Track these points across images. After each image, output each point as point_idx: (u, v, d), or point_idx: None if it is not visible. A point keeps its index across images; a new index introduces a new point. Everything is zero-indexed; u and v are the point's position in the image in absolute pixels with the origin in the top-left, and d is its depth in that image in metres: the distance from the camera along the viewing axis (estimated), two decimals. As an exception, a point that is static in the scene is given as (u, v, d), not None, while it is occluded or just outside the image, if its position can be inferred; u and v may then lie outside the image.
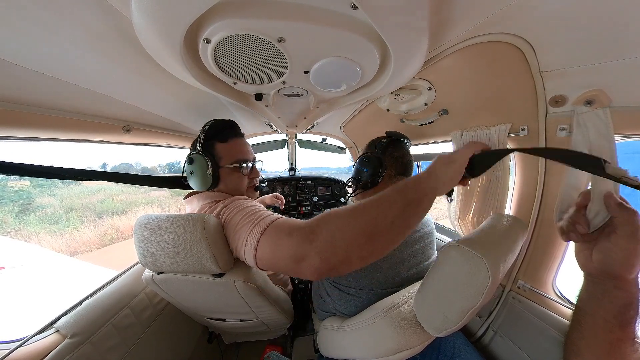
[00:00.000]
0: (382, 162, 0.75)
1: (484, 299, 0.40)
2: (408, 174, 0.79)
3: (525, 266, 0.76)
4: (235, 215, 0.62)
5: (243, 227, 0.58)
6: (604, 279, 0.37)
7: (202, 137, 0.73)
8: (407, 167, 0.79)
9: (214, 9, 0.40)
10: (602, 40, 0.45)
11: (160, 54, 0.52)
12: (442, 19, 0.51)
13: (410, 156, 0.82)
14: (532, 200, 0.73)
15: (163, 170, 10.56)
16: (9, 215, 6.67)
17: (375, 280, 0.67)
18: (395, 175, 0.77)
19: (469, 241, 0.44)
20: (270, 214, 0.58)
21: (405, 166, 0.79)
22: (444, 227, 1.32)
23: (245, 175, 0.78)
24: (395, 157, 0.78)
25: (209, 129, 0.74)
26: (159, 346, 0.96)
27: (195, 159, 0.71)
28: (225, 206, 0.65)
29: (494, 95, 0.76)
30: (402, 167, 0.78)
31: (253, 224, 0.55)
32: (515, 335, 0.74)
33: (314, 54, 0.54)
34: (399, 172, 0.77)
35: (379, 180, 0.75)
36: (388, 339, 0.49)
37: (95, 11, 0.43)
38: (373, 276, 0.67)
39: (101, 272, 2.98)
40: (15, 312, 2.04)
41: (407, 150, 0.82)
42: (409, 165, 0.79)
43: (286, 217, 0.55)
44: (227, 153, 0.74)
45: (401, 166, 0.78)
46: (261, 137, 1.98)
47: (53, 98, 0.65)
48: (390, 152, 0.78)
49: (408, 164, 0.79)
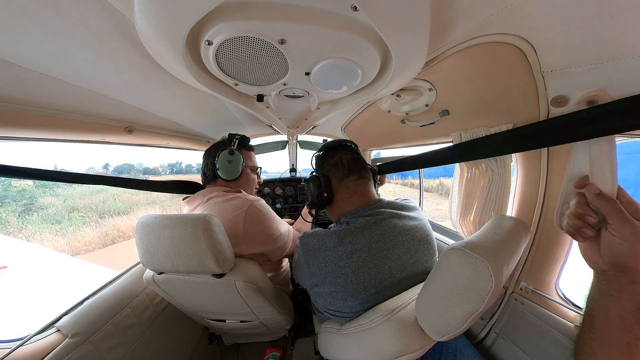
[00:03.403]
0: (320, 177, 0.76)
1: (487, 304, 0.39)
2: (356, 169, 0.76)
3: (528, 267, 0.76)
4: (271, 227, 0.87)
5: (281, 241, 0.90)
6: (618, 275, 0.36)
7: (237, 142, 1.00)
8: (351, 164, 0.75)
9: (216, 11, 0.40)
10: (603, 40, 0.45)
11: (162, 55, 0.52)
12: (443, 20, 0.51)
13: (352, 152, 0.79)
14: (535, 201, 0.73)
15: (164, 171, 10.60)
16: (12, 215, 6.72)
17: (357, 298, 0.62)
18: (344, 178, 0.75)
19: (471, 244, 0.43)
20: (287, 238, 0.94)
21: (349, 164, 0.75)
22: (445, 227, 1.31)
23: (256, 178, 1.08)
24: (333, 162, 0.77)
25: (241, 138, 1.03)
26: (159, 347, 0.96)
27: (235, 153, 0.95)
28: (258, 208, 0.85)
29: (495, 96, 0.76)
30: (345, 168, 0.75)
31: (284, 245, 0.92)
32: (517, 337, 0.73)
33: (314, 56, 0.54)
34: (346, 174, 0.75)
35: (326, 193, 0.75)
36: (389, 343, 0.48)
37: (98, 13, 0.44)
38: (352, 298, 0.62)
39: (102, 272, 2.99)
40: (17, 311, 2.05)
41: (344, 151, 0.79)
42: (351, 162, 0.76)
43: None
44: (250, 158, 1.05)
45: (344, 167, 0.75)
46: (262, 138, 1.99)
47: (56, 99, 0.66)
48: (326, 162, 0.78)
49: (350, 162, 0.76)
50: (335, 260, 0.63)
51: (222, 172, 0.94)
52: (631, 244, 0.34)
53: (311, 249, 0.68)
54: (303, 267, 0.70)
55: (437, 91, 0.86)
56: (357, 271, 0.61)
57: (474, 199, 0.89)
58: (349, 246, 0.63)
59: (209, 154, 0.99)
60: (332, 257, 0.64)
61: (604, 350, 0.35)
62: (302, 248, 0.70)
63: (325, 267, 0.64)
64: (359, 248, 0.63)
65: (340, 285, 0.62)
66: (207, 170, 0.98)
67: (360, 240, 0.64)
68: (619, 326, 0.34)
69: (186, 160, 10.53)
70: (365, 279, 0.61)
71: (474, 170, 0.90)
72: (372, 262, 0.62)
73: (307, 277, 0.69)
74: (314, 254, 0.67)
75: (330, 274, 0.63)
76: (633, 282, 0.35)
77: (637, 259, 0.34)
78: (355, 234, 0.65)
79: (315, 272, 0.66)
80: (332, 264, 0.63)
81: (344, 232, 0.66)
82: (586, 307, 0.40)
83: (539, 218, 0.72)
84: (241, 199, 0.86)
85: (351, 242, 0.64)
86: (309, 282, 0.69)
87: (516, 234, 0.51)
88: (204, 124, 1.27)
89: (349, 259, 0.62)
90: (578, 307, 0.65)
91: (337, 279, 0.62)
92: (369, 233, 0.65)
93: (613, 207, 0.36)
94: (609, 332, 0.35)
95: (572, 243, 0.68)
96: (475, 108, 0.84)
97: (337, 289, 0.62)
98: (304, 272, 0.70)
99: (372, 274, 0.61)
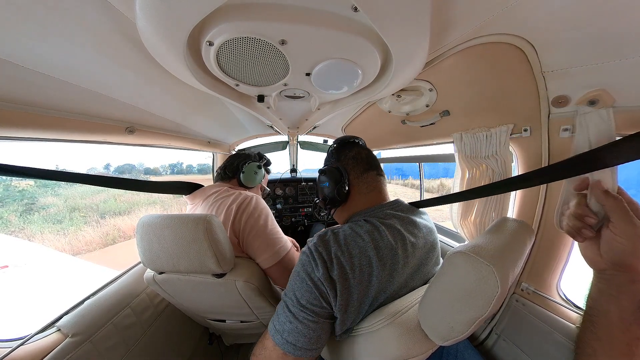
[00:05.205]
0: (340, 168, 0.68)
1: (492, 309, 0.38)
2: (375, 165, 0.71)
3: (529, 268, 0.76)
4: (265, 220, 0.87)
5: (267, 242, 0.85)
6: (618, 274, 0.36)
7: (265, 161, 1.20)
8: (370, 160, 0.71)
9: (217, 12, 0.40)
10: (604, 40, 0.45)
11: (163, 56, 0.52)
12: (444, 20, 0.51)
13: (368, 149, 0.75)
14: (536, 202, 0.72)
15: (165, 171, 10.64)
16: (13, 215, 6.75)
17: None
18: (363, 173, 0.68)
19: (476, 248, 0.42)
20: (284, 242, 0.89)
21: (367, 159, 0.70)
22: (446, 228, 1.31)
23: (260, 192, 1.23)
24: (351, 156, 0.70)
25: (268, 160, 1.23)
26: (159, 347, 0.96)
27: (261, 169, 1.10)
28: (258, 200, 0.91)
29: (495, 96, 0.75)
30: (364, 162, 0.69)
31: (275, 246, 0.85)
32: (519, 338, 0.73)
33: (315, 56, 0.54)
34: (365, 168, 0.69)
35: (347, 186, 0.67)
36: (391, 347, 0.46)
37: (100, 14, 0.44)
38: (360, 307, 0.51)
39: (103, 271, 3.00)
40: (18, 311, 2.06)
41: (361, 146, 0.74)
42: (369, 157, 0.71)
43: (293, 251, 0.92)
44: (266, 179, 1.22)
45: (363, 161, 0.70)
46: (263, 139, 1.99)
47: (57, 99, 0.66)
48: (344, 155, 0.71)
49: (369, 157, 0.71)
50: (370, 254, 0.50)
51: (244, 177, 1.03)
52: (633, 243, 0.34)
53: (342, 236, 0.52)
54: (321, 273, 0.48)
55: (437, 91, 0.86)
56: (380, 279, 0.50)
57: (475, 200, 0.89)
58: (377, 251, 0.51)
59: (238, 157, 1.09)
60: (367, 248, 0.51)
61: (604, 350, 0.35)
62: (333, 238, 0.52)
63: (360, 257, 0.50)
64: (384, 255, 0.52)
65: (364, 286, 0.49)
66: (228, 169, 1.06)
67: (387, 244, 0.53)
68: (618, 326, 0.34)
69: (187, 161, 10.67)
70: (383, 287, 0.51)
71: (475, 170, 0.90)
72: (394, 269, 0.52)
73: (329, 285, 0.47)
74: (348, 240, 0.51)
75: (361, 273, 0.49)
76: (633, 282, 0.35)
77: (638, 257, 0.34)
78: (383, 236, 0.53)
79: (346, 271, 0.48)
80: (365, 257, 0.50)
81: (372, 231, 0.53)
82: (586, 306, 0.40)
83: (540, 218, 0.72)
84: (244, 194, 0.90)
85: (378, 247, 0.52)
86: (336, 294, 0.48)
87: (521, 237, 0.49)
88: (204, 124, 1.28)
89: (378, 263, 0.50)
90: (579, 308, 0.65)
91: (362, 278, 0.49)
92: (394, 237, 0.55)
93: (618, 206, 0.36)
94: (609, 331, 0.35)
95: (574, 244, 0.68)
96: (475, 108, 0.84)
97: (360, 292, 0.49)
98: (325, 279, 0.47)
99: (392, 285, 0.52)
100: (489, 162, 0.83)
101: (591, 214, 0.39)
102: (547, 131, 0.67)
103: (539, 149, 0.70)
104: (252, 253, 0.84)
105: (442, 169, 10.60)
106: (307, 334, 0.47)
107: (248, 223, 0.83)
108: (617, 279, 0.36)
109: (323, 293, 0.47)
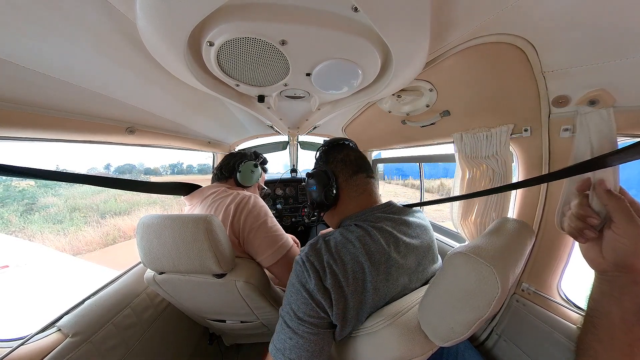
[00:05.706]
0: (327, 171, 0.67)
1: (492, 309, 0.38)
2: (365, 167, 0.69)
3: (530, 268, 0.76)
4: (264, 218, 0.87)
5: (268, 239, 0.84)
6: (620, 275, 0.36)
7: (261, 160, 1.19)
8: (359, 162, 0.69)
9: (217, 12, 0.40)
10: (604, 40, 0.45)
11: (164, 56, 0.52)
12: (444, 21, 0.51)
13: (358, 151, 0.73)
14: (536, 202, 0.72)
15: (165, 171, 10.66)
16: (13, 215, 6.75)
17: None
18: (352, 175, 0.67)
19: (476, 248, 0.41)
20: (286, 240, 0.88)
21: (357, 161, 0.69)
22: (446, 228, 1.31)
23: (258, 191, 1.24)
24: (340, 159, 0.69)
25: (264, 159, 1.22)
26: (159, 347, 0.96)
27: (258, 168, 1.10)
28: (256, 199, 0.91)
29: (496, 96, 0.75)
30: (354, 165, 0.68)
31: (276, 243, 0.85)
32: (519, 339, 0.73)
33: (315, 56, 0.54)
34: (355, 171, 0.68)
35: (335, 190, 0.66)
36: (390, 348, 0.46)
37: (100, 15, 0.44)
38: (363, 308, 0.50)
39: (103, 271, 3.00)
40: (18, 310, 2.06)
41: (351, 148, 0.73)
42: (359, 160, 0.70)
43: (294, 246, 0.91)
44: (263, 177, 1.22)
45: (352, 163, 0.68)
46: (263, 139, 1.99)
47: (58, 99, 0.66)
48: (333, 158, 0.70)
49: (358, 159, 0.70)
50: (361, 261, 0.50)
51: (241, 176, 1.03)
52: (636, 244, 0.34)
53: (334, 244, 0.52)
54: (314, 281, 0.47)
55: (437, 91, 0.86)
56: (375, 284, 0.50)
57: (475, 200, 0.89)
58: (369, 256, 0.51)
59: (234, 157, 1.09)
60: (358, 254, 0.50)
61: (605, 352, 0.35)
62: (325, 246, 0.51)
63: (352, 264, 0.49)
64: (377, 260, 0.51)
65: (359, 295, 0.49)
66: (225, 169, 1.06)
67: (379, 248, 0.52)
68: (620, 327, 0.34)
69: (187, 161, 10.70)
70: (380, 291, 0.50)
71: (475, 170, 0.90)
72: (389, 273, 0.52)
73: (322, 294, 0.47)
74: (339, 247, 0.51)
75: (354, 280, 0.49)
76: (635, 283, 0.34)
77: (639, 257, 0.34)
78: (375, 240, 0.53)
79: (339, 279, 0.48)
80: (357, 264, 0.50)
81: (363, 236, 0.53)
82: (587, 308, 0.39)
83: (541, 219, 0.72)
84: (242, 194, 0.90)
85: (369, 252, 0.51)
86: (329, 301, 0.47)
87: (521, 237, 0.49)
88: (205, 124, 1.28)
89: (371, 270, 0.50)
90: (580, 309, 0.65)
91: (356, 288, 0.49)
92: (386, 240, 0.54)
93: (621, 206, 0.36)
94: (611, 333, 0.35)
95: (574, 244, 0.67)
96: (476, 108, 0.84)
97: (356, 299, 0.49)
98: (317, 288, 0.47)
99: (390, 288, 0.52)
100: (489, 162, 0.83)
101: (594, 215, 0.39)
102: (548, 131, 0.67)
103: (539, 149, 0.70)
104: (253, 252, 0.83)
105: (442, 169, 10.59)
106: (309, 347, 0.46)
107: (247, 222, 0.82)
108: (620, 281, 0.36)
109: (319, 303, 0.47)
